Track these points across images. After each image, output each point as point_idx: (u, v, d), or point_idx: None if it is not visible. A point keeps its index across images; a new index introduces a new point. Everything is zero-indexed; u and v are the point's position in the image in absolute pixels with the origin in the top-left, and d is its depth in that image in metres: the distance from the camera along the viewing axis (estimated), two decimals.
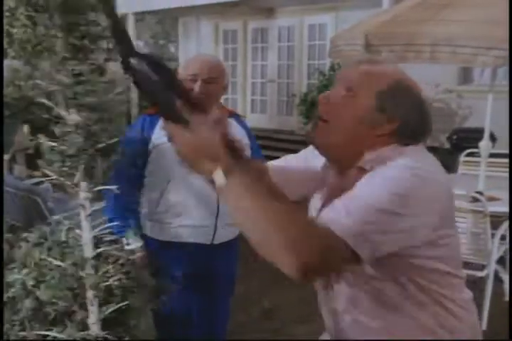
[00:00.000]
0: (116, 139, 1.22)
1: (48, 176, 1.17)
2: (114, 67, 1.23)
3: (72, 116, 1.15)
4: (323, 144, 1.33)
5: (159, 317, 2.14)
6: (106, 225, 1.24)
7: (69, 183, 1.18)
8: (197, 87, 2.17)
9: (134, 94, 9.50)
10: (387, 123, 1.27)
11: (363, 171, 1.25)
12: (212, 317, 2.38)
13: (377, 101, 1.27)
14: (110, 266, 1.21)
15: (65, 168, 1.15)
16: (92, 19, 1.12)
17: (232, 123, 2.36)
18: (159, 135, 2.19)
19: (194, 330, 2.33)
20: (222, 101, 2.41)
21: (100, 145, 1.17)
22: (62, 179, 1.17)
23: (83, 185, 1.19)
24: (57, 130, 1.14)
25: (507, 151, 4.23)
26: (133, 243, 1.46)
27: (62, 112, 1.14)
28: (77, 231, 1.23)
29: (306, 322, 3.15)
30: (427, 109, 1.32)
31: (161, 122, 2.16)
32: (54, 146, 1.15)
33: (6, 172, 6.02)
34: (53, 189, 4.70)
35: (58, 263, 1.19)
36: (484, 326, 3.25)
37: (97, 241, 1.23)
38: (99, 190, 1.22)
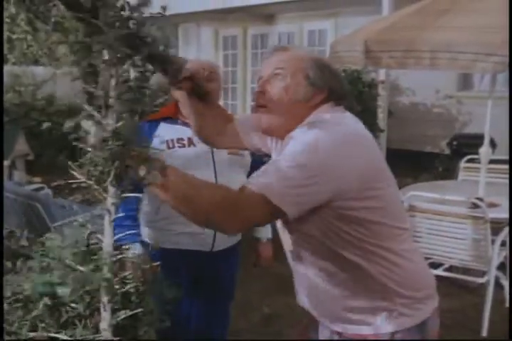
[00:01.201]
0: (149, 146, 1.24)
1: (76, 178, 1.18)
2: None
3: (111, 122, 1.15)
4: (268, 127, 1.49)
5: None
6: (124, 233, 1.25)
7: (98, 187, 1.18)
8: None
9: None
10: (318, 94, 1.47)
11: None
12: (212, 322, 2.38)
13: (306, 77, 1.46)
14: (128, 273, 1.21)
15: (95, 173, 1.15)
16: (141, 30, 1.14)
17: None
18: (159, 142, 2.19)
19: (193, 336, 2.33)
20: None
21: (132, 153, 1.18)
22: (90, 182, 1.17)
23: (111, 190, 1.19)
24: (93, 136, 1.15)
25: (507, 157, 4.23)
26: (135, 251, 1.47)
27: (102, 118, 1.15)
28: (99, 235, 1.23)
29: None
30: (341, 76, 1.57)
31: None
32: (87, 151, 1.15)
33: (5, 179, 6.03)
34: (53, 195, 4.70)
35: (78, 267, 1.20)
36: (485, 332, 3.24)
37: (115, 248, 1.23)
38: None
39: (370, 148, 1.42)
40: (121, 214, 2.07)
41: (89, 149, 1.15)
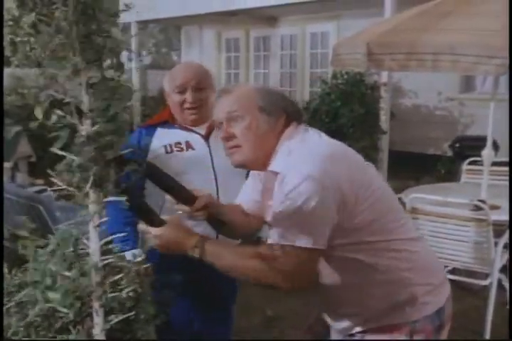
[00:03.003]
0: (129, 150, 1.24)
1: (58, 186, 1.17)
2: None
3: (86, 127, 1.14)
4: (246, 162, 1.59)
5: (161, 326, 2.12)
6: (111, 237, 1.25)
7: (79, 194, 1.18)
8: (189, 96, 2.16)
9: (137, 103, 9.53)
10: (278, 120, 1.55)
11: (275, 174, 1.48)
12: (215, 324, 2.37)
13: (261, 109, 1.54)
14: (119, 276, 1.21)
15: (75, 179, 1.15)
16: (107, 31, 1.13)
17: None
18: (157, 147, 2.19)
19: (196, 338, 2.32)
20: None
21: (111, 157, 1.17)
22: (72, 189, 1.17)
23: (93, 196, 1.18)
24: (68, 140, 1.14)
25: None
26: (136, 255, 1.45)
27: (76, 122, 1.14)
28: (85, 241, 1.23)
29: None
30: (288, 96, 1.65)
31: (153, 145, 2.18)
32: (64, 156, 1.15)
33: (8, 180, 6.04)
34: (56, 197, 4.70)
35: (66, 273, 1.20)
36: (488, 335, 3.23)
37: (104, 252, 1.23)
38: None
39: (349, 157, 1.54)
40: (121, 219, 2.07)
41: (65, 154, 1.15)
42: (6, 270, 1.31)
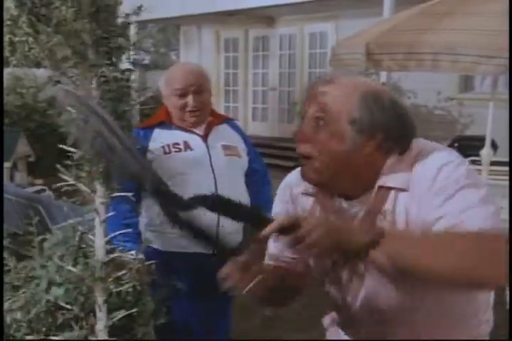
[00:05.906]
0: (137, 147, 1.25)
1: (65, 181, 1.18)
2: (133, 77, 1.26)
3: (94, 122, 1.15)
4: (319, 182, 1.27)
5: (159, 326, 2.12)
6: (118, 232, 1.25)
7: (86, 189, 1.18)
8: (191, 100, 2.17)
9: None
10: (369, 141, 1.21)
11: (389, 190, 1.21)
12: (213, 326, 2.37)
13: (352, 123, 1.20)
14: (122, 272, 1.21)
15: (83, 174, 1.16)
16: (120, 31, 1.14)
17: (227, 128, 2.35)
18: (154, 147, 2.19)
19: (195, 337, 2.32)
20: (223, 109, 2.43)
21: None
22: (79, 184, 1.17)
23: (99, 190, 1.19)
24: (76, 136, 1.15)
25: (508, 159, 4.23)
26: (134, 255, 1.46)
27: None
28: (90, 236, 1.23)
29: (307, 330, 3.13)
30: (401, 108, 1.24)
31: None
32: (73, 152, 1.15)
33: (7, 180, 6.03)
34: (56, 197, 4.70)
35: (70, 268, 1.20)
36: (488, 336, 3.23)
37: (108, 251, 1.23)
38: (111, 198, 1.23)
39: None
40: (121, 220, 2.07)
41: (74, 150, 1.15)
42: (11, 264, 1.32)
